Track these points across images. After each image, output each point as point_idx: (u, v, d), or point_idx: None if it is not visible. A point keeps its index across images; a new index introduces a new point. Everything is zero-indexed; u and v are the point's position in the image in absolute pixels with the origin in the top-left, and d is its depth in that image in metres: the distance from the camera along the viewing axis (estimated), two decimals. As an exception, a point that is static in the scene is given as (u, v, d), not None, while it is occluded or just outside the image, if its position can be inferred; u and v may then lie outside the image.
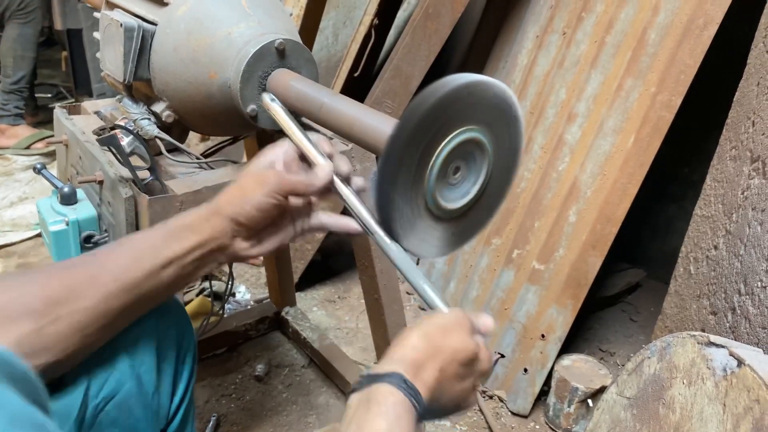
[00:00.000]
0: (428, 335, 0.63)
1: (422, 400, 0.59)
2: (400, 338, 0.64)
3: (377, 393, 0.58)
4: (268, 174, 0.74)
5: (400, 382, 0.58)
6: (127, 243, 0.73)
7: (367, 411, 0.57)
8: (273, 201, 0.73)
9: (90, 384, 0.73)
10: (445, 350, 0.63)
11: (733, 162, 1.32)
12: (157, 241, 0.72)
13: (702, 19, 1.54)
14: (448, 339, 0.64)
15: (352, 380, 1.61)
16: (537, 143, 1.77)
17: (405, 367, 0.60)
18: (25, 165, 2.82)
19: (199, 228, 0.73)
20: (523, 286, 1.74)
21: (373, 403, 0.57)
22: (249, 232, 0.75)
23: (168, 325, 0.83)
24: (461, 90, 0.66)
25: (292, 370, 1.79)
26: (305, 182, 0.75)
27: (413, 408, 0.58)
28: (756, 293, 1.17)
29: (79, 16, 3.01)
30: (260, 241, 0.78)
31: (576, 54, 1.74)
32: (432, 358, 0.62)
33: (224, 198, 0.75)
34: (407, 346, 0.62)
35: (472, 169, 0.74)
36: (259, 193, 0.73)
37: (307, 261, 2.07)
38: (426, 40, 1.75)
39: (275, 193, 0.73)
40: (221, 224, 0.73)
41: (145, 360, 0.79)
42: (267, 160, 0.78)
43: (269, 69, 0.96)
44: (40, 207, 1.05)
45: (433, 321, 0.65)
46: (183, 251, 0.72)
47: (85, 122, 1.18)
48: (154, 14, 1.00)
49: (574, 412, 1.60)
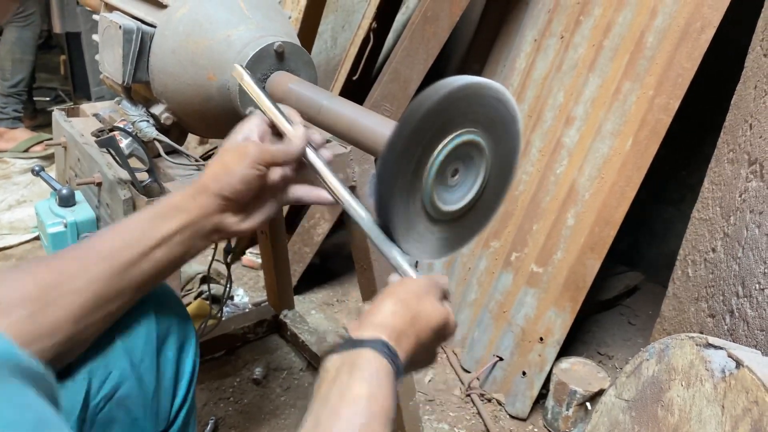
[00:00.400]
0: (405, 302, 0.65)
1: (401, 365, 0.61)
2: (377, 304, 0.65)
3: (360, 358, 0.59)
4: (247, 146, 0.75)
5: (383, 348, 0.60)
6: (116, 227, 0.74)
7: (350, 375, 0.58)
8: (256, 172, 0.74)
9: (90, 383, 0.73)
10: (421, 317, 0.65)
11: (730, 165, 1.33)
12: (146, 223, 0.73)
13: (699, 22, 1.54)
14: (423, 306, 0.66)
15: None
16: (535, 146, 1.78)
17: (387, 332, 0.62)
18: (23, 168, 2.82)
19: (186, 207, 0.74)
20: (522, 289, 1.74)
21: (356, 368, 0.58)
22: (236, 206, 0.76)
23: (169, 325, 0.83)
24: (460, 92, 0.66)
25: (291, 374, 1.79)
26: (283, 149, 0.77)
27: (393, 372, 0.60)
28: (754, 296, 1.17)
29: (77, 19, 3.01)
30: (248, 216, 0.78)
31: (574, 57, 1.74)
32: (411, 325, 0.64)
33: (208, 175, 0.75)
34: (386, 312, 0.64)
35: (470, 172, 0.75)
36: (241, 166, 0.73)
37: (306, 264, 2.07)
38: (424, 43, 1.75)
39: (257, 164, 0.74)
40: (208, 201, 0.74)
41: (146, 359, 0.79)
42: (242, 134, 0.79)
43: (268, 71, 0.96)
44: (38, 209, 1.05)
45: (406, 287, 0.67)
46: (172, 231, 0.72)
47: (83, 124, 1.18)
48: (153, 16, 1.00)
49: (573, 415, 1.60)
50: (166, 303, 0.83)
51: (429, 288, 0.68)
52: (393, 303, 0.65)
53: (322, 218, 2.01)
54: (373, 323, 0.63)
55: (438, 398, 1.75)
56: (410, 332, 0.64)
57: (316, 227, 2.02)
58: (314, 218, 2.02)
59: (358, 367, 0.58)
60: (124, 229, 0.73)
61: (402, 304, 0.65)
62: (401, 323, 0.63)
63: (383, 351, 0.60)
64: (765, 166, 1.20)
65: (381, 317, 0.63)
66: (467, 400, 1.75)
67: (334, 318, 2.07)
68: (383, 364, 0.59)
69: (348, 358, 0.60)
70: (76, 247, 0.72)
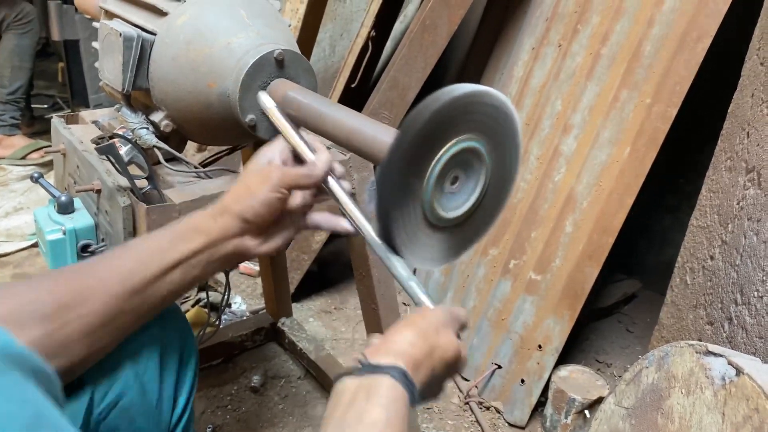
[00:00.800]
0: (424, 333, 0.65)
1: (417, 395, 0.61)
2: (396, 332, 0.65)
3: (378, 383, 0.59)
4: (271, 169, 0.76)
5: (401, 377, 0.60)
6: (134, 246, 0.74)
7: (368, 400, 0.57)
8: (278, 195, 0.74)
9: (94, 392, 0.73)
10: (437, 350, 0.65)
11: (728, 173, 1.33)
12: (164, 244, 0.72)
13: (696, 31, 1.55)
14: (440, 338, 0.66)
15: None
16: (533, 154, 1.78)
17: (405, 361, 0.61)
18: (21, 175, 2.81)
19: (206, 229, 0.74)
20: (520, 297, 1.74)
21: (373, 393, 0.58)
22: (256, 229, 0.76)
23: (171, 335, 0.83)
24: (460, 100, 0.66)
25: (288, 382, 1.78)
26: (306, 174, 0.77)
27: (409, 402, 0.60)
28: (753, 303, 1.17)
29: (76, 27, 3.01)
30: (267, 239, 0.78)
31: (572, 66, 1.75)
32: (428, 357, 0.64)
33: (230, 196, 0.75)
34: (406, 341, 0.64)
35: (470, 179, 0.75)
36: (264, 189, 0.74)
37: (304, 271, 2.06)
38: (423, 51, 1.76)
39: (279, 187, 0.74)
40: (229, 223, 0.74)
41: (149, 369, 0.78)
42: (265, 158, 0.79)
43: (268, 79, 0.97)
44: (37, 216, 1.05)
45: (424, 318, 0.67)
46: (190, 252, 0.72)
47: (83, 131, 1.18)
48: (153, 24, 1.00)
49: (572, 423, 1.59)
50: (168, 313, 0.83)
51: (447, 321, 0.68)
52: (412, 333, 0.65)
53: (321, 226, 2.01)
54: (393, 351, 0.63)
55: (436, 406, 1.75)
56: (427, 364, 0.64)
57: (314, 235, 2.02)
58: (312, 226, 2.01)
59: (376, 392, 0.58)
60: (142, 249, 0.73)
61: (421, 334, 0.65)
62: (419, 354, 0.63)
63: (401, 379, 0.60)
64: (762, 173, 1.20)
65: (400, 345, 0.63)
66: (466, 408, 1.75)
67: (332, 326, 2.06)
68: (400, 393, 0.59)
69: (365, 382, 0.59)
70: (94, 264, 0.72)
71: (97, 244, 1.04)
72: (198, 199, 0.99)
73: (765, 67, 1.25)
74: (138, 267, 0.70)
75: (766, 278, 1.15)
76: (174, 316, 0.86)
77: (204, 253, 0.73)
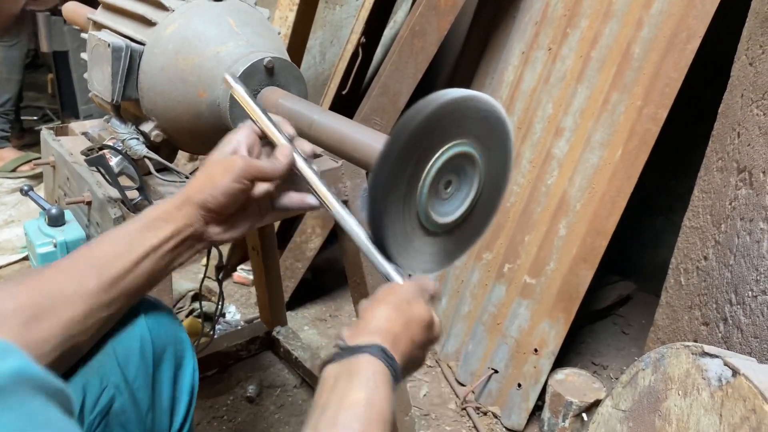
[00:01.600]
0: (398, 307, 0.67)
1: (398, 368, 0.63)
2: (369, 310, 0.67)
3: (357, 364, 0.60)
4: (235, 160, 0.76)
5: (380, 353, 0.61)
6: (104, 238, 0.74)
7: (348, 381, 0.59)
8: (240, 186, 0.75)
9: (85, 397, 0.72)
10: (413, 320, 0.67)
11: (720, 173, 1.34)
12: (134, 234, 0.73)
13: (685, 33, 1.56)
14: (413, 309, 0.68)
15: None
16: (525, 158, 1.78)
17: (383, 338, 0.63)
18: (11, 188, 2.79)
19: (172, 217, 0.74)
20: (515, 301, 1.73)
21: (353, 374, 0.59)
22: (220, 217, 0.76)
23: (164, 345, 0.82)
24: (451, 104, 0.66)
25: (284, 391, 1.77)
26: (270, 167, 0.77)
27: (391, 377, 0.61)
28: (747, 303, 1.17)
29: (65, 38, 3.00)
30: (232, 226, 0.79)
31: (562, 69, 1.76)
32: (405, 329, 0.66)
33: (193, 186, 0.75)
34: (380, 317, 0.65)
35: (463, 183, 0.75)
36: (227, 179, 0.74)
37: (298, 279, 2.06)
38: (413, 57, 1.76)
39: (242, 178, 0.74)
40: (193, 212, 0.75)
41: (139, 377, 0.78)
42: (230, 146, 0.79)
43: (258, 87, 0.96)
44: (27, 229, 1.04)
45: (395, 293, 0.69)
46: (159, 242, 0.73)
47: (72, 143, 1.17)
48: (142, 34, 1.00)
49: (569, 426, 1.59)
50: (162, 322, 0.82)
51: (417, 292, 0.70)
52: (386, 309, 0.66)
53: (314, 233, 2.00)
54: (369, 329, 0.64)
55: (433, 412, 1.74)
56: (405, 335, 0.66)
57: (308, 242, 2.01)
58: (306, 233, 2.01)
59: (356, 373, 0.59)
60: (112, 241, 0.73)
61: (395, 309, 0.67)
62: (396, 327, 0.65)
63: (380, 356, 0.61)
64: (754, 173, 1.21)
65: (375, 323, 0.65)
66: (463, 414, 1.74)
67: (327, 333, 2.05)
68: (381, 368, 0.60)
69: (346, 365, 0.61)
70: (68, 259, 0.73)
71: (89, 256, 1.03)
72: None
73: (754, 67, 1.26)
74: (110, 257, 0.71)
75: (759, 278, 1.15)
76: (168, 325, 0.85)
77: (171, 242, 0.74)
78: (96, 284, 0.69)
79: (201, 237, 0.76)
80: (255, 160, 0.77)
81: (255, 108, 0.83)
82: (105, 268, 0.70)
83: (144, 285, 0.74)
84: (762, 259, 1.15)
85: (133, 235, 0.73)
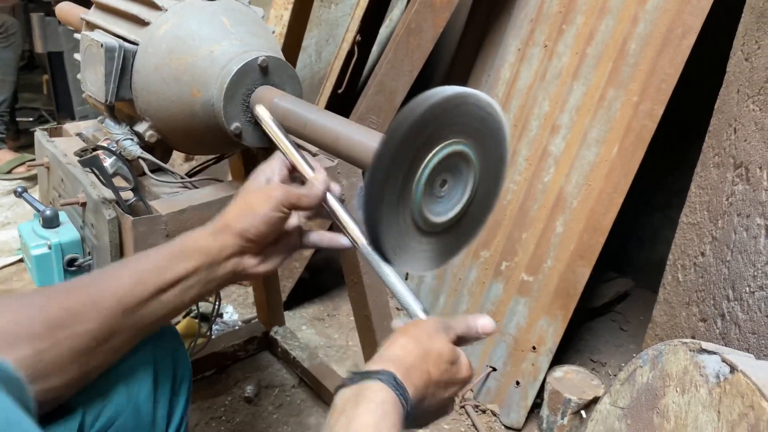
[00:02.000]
0: (416, 338, 0.65)
1: (410, 399, 0.61)
2: (389, 341, 0.66)
3: (367, 389, 0.59)
4: (273, 188, 0.76)
5: (390, 380, 0.60)
6: (130, 264, 0.72)
7: (356, 407, 0.58)
8: (280, 214, 0.74)
9: (85, 415, 0.71)
10: (431, 353, 0.65)
11: (716, 169, 1.33)
12: (162, 262, 0.71)
13: (681, 28, 1.56)
14: (433, 343, 0.66)
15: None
16: (522, 155, 1.78)
17: (396, 366, 0.61)
18: (7, 189, 2.78)
19: (205, 247, 0.73)
20: (513, 299, 1.73)
21: (362, 400, 0.58)
22: (256, 248, 0.76)
23: (164, 354, 0.81)
24: (446, 103, 0.66)
25: (283, 391, 1.77)
26: (307, 193, 0.77)
27: (401, 406, 0.59)
28: (744, 299, 1.17)
29: (59, 38, 2.99)
30: (266, 258, 0.78)
31: (558, 66, 1.75)
32: (421, 360, 0.64)
33: (232, 214, 0.75)
34: (397, 347, 0.64)
35: (458, 182, 0.74)
36: (266, 207, 0.74)
37: (295, 279, 2.05)
38: (409, 55, 1.76)
39: (281, 206, 0.74)
40: (230, 241, 0.74)
41: (142, 390, 0.77)
42: (264, 176, 0.79)
43: (253, 86, 0.96)
44: (21, 231, 1.03)
45: (418, 326, 0.68)
46: (188, 272, 0.71)
47: (66, 144, 1.16)
48: (135, 34, 0.99)
49: (568, 423, 1.59)
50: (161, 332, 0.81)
51: (440, 328, 0.68)
52: (403, 339, 0.65)
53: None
54: (383, 358, 0.63)
55: (432, 411, 1.74)
56: (420, 367, 0.63)
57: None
58: (303, 233, 2.00)
59: (365, 398, 0.58)
60: (138, 267, 0.71)
61: (414, 340, 0.65)
62: (411, 357, 0.63)
63: (390, 383, 0.60)
64: (750, 169, 1.21)
65: (391, 352, 0.64)
66: (461, 412, 1.74)
67: (325, 333, 2.05)
68: (390, 396, 0.59)
69: (356, 389, 0.60)
70: (88, 284, 0.70)
71: (84, 257, 1.03)
72: (184, 210, 0.98)
73: (749, 62, 1.25)
74: (134, 286, 0.69)
75: (756, 273, 1.15)
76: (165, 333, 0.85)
77: (202, 273, 0.72)
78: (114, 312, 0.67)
79: (233, 269, 0.75)
80: (293, 188, 0.77)
81: (286, 141, 0.85)
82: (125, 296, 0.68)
83: (165, 315, 0.72)
84: (759, 255, 1.15)
85: (161, 262, 0.71)
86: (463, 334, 0.70)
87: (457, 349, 0.69)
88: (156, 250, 0.73)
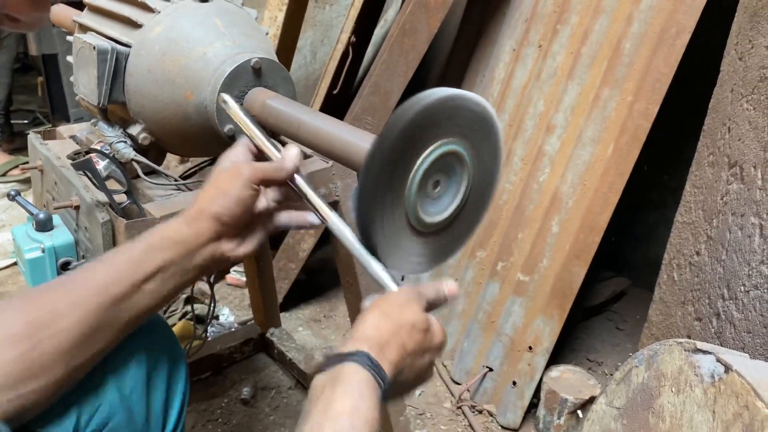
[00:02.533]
0: (387, 313, 0.65)
1: (386, 377, 0.61)
2: (360, 320, 0.65)
3: (342, 372, 0.59)
4: (240, 166, 0.75)
5: (364, 360, 0.60)
6: (107, 258, 0.72)
7: (333, 390, 0.58)
8: (250, 191, 0.74)
9: (80, 416, 0.71)
10: (404, 325, 0.65)
11: (711, 168, 1.33)
12: (138, 255, 0.71)
13: (675, 28, 1.56)
14: (405, 315, 0.66)
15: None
16: (517, 155, 1.78)
17: (369, 345, 0.61)
18: (1, 192, 2.77)
19: (181, 236, 0.72)
20: (509, 298, 1.73)
21: (338, 383, 0.58)
22: (232, 231, 0.75)
23: (158, 352, 0.81)
24: (439, 104, 0.66)
25: (279, 392, 1.76)
26: (276, 166, 0.77)
27: (378, 385, 0.59)
28: (740, 298, 1.17)
29: (54, 41, 2.98)
30: (243, 241, 0.78)
31: (552, 66, 1.75)
32: (394, 334, 0.64)
33: (204, 200, 0.74)
34: (368, 325, 0.64)
35: (452, 183, 0.74)
36: (236, 186, 0.73)
37: (291, 280, 2.05)
38: (404, 56, 1.75)
39: (251, 183, 0.74)
40: (204, 226, 0.73)
41: (135, 389, 0.77)
42: (229, 160, 0.79)
43: (246, 88, 0.95)
44: (15, 234, 1.03)
45: (388, 300, 0.67)
46: (165, 262, 0.71)
47: (60, 147, 1.16)
48: (127, 36, 0.99)
49: (565, 423, 1.59)
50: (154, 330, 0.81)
51: (411, 298, 0.68)
52: (374, 316, 0.65)
53: (307, 234, 1.99)
54: (356, 338, 0.63)
55: (428, 411, 1.74)
56: (394, 342, 0.63)
57: (300, 243, 2.00)
58: (299, 234, 2.00)
59: (341, 381, 0.58)
60: (115, 261, 0.71)
61: (385, 316, 0.65)
62: (383, 334, 0.63)
63: (365, 363, 0.60)
64: (744, 168, 1.21)
65: (362, 331, 0.63)
66: (458, 413, 1.74)
67: (321, 334, 2.05)
68: (365, 376, 0.59)
69: (332, 374, 0.60)
70: (67, 280, 0.71)
71: (78, 261, 1.02)
72: (178, 212, 0.97)
73: (743, 62, 1.25)
74: (113, 280, 0.69)
75: (751, 273, 1.15)
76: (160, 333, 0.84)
77: (180, 262, 0.72)
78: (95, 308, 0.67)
79: (212, 255, 0.74)
80: (260, 163, 0.77)
81: (250, 125, 0.85)
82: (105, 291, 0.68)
83: (148, 308, 0.72)
84: (753, 254, 1.15)
85: (138, 255, 0.71)
86: (433, 300, 0.71)
87: (430, 316, 0.69)
88: (132, 243, 0.73)
